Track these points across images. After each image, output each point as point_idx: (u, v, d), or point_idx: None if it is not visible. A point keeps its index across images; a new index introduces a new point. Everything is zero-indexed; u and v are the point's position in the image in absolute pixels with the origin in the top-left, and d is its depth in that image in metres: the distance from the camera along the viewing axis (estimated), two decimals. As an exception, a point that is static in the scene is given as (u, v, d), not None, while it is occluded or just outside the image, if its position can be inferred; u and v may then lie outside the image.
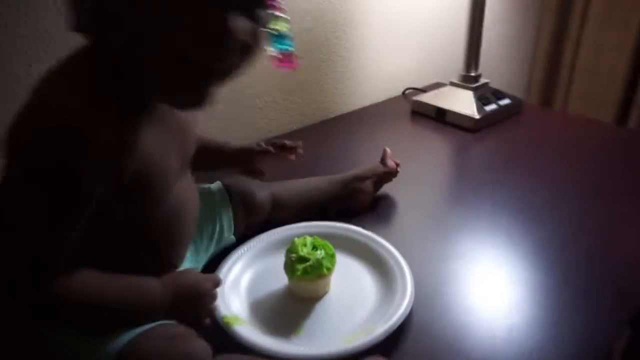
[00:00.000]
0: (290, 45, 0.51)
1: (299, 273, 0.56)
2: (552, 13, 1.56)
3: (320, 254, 0.58)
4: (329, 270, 0.58)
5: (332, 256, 0.59)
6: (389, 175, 0.78)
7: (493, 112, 1.09)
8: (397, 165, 0.79)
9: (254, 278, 0.62)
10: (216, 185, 0.67)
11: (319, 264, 0.57)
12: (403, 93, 1.28)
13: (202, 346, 0.46)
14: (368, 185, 0.76)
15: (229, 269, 0.61)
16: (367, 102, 1.24)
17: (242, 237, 0.67)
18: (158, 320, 0.47)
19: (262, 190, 0.69)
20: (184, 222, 0.52)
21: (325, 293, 0.60)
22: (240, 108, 1.02)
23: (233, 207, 0.65)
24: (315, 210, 0.73)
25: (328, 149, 1.01)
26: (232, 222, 0.65)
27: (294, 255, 0.58)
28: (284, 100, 1.08)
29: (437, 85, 1.26)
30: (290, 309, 0.58)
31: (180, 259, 0.55)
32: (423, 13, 1.27)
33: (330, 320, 0.56)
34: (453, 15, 1.29)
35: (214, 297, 0.52)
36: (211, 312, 0.52)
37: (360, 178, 0.76)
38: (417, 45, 1.29)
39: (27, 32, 0.71)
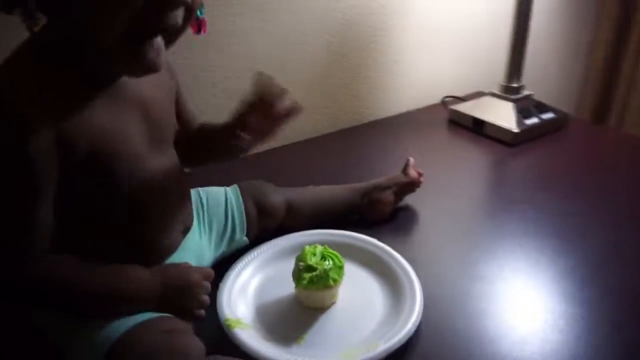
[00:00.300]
0: (202, 13, 0.51)
1: (305, 282, 0.56)
2: (611, 21, 1.46)
3: (328, 264, 0.57)
4: (336, 281, 0.57)
5: (340, 268, 0.58)
6: (411, 185, 0.76)
7: (534, 126, 1.03)
8: (420, 175, 0.77)
9: (263, 282, 0.62)
10: (232, 187, 0.68)
11: (325, 275, 0.56)
12: (442, 101, 1.25)
13: (197, 343, 0.47)
14: (388, 195, 0.74)
15: (239, 272, 0.61)
16: (403, 108, 1.21)
17: (256, 241, 0.67)
18: (148, 310, 0.48)
19: (277, 195, 0.69)
20: (159, 204, 0.52)
21: (332, 304, 0.59)
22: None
23: (245, 208, 0.66)
24: (333, 218, 0.72)
25: (357, 155, 0.99)
26: (244, 222, 0.65)
27: (302, 263, 0.57)
28: (315, 102, 1.07)
29: (479, 95, 1.21)
30: (295, 317, 0.57)
31: (167, 244, 0.54)
32: (465, 18, 1.23)
33: (333, 332, 0.55)
34: (498, 21, 1.23)
35: (204, 288, 0.52)
36: (203, 304, 0.52)
37: (380, 188, 0.74)
38: (458, 51, 1.25)
39: None
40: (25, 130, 0.40)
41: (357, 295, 0.60)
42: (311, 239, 0.65)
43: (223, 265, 0.63)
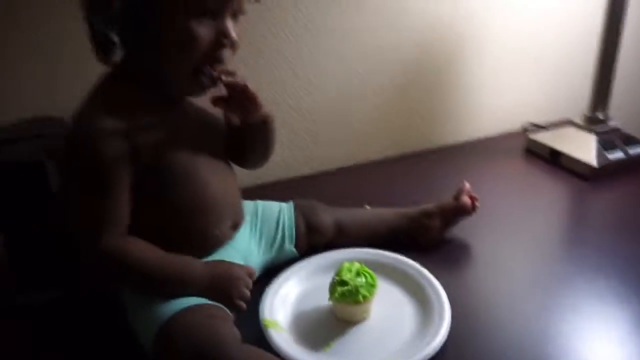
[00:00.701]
0: None
1: (336, 295, 0.60)
2: None
3: (360, 281, 0.61)
4: (365, 298, 0.60)
5: (372, 286, 0.61)
6: (460, 211, 0.76)
7: (618, 161, 0.97)
8: (474, 200, 0.76)
9: (304, 292, 0.67)
10: (287, 203, 0.75)
11: (356, 291, 0.60)
12: (523, 129, 1.21)
13: (234, 331, 0.54)
14: (435, 221, 0.76)
15: (284, 280, 0.67)
16: (479, 134, 1.20)
17: (305, 255, 0.72)
18: (197, 295, 0.56)
19: (327, 215, 0.74)
20: (211, 199, 0.61)
21: (363, 319, 0.62)
22: (338, 127, 1.07)
23: (296, 222, 0.72)
24: (377, 241, 0.74)
25: (421, 180, 1.00)
26: (293, 235, 0.71)
27: (337, 277, 0.62)
28: (384, 124, 1.10)
29: (563, 124, 1.16)
30: (326, 326, 0.62)
31: (218, 235, 0.63)
32: (550, 41, 1.18)
33: (358, 345, 0.59)
34: (585, 45, 1.17)
35: (245, 281, 0.60)
36: (244, 296, 0.59)
37: (427, 214, 0.76)
38: (542, 76, 1.21)
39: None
40: (105, 140, 0.52)
41: (389, 314, 0.63)
42: (352, 256, 0.69)
43: (273, 273, 0.69)
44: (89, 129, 0.52)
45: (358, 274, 0.62)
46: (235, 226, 0.66)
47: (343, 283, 0.61)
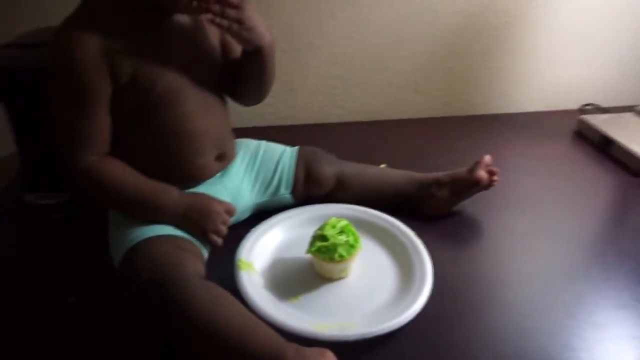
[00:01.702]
0: None
1: (313, 249, 0.58)
2: None
3: (341, 239, 0.58)
4: (342, 257, 0.57)
5: (352, 246, 0.58)
6: (473, 184, 0.70)
7: (678, 159, 0.85)
8: (492, 174, 0.70)
9: (289, 241, 0.65)
10: (292, 148, 0.72)
11: (333, 248, 0.57)
12: (580, 108, 1.09)
13: (199, 266, 0.54)
14: (444, 192, 0.70)
15: (270, 226, 0.66)
16: (528, 107, 1.10)
17: (301, 204, 0.70)
18: (171, 223, 0.56)
19: (329, 166, 0.71)
20: (192, 126, 0.59)
21: (340, 277, 0.60)
22: (374, 79, 1.02)
23: (296, 169, 0.69)
24: (384, 202, 0.71)
25: (452, 147, 0.93)
26: (290, 181, 0.69)
27: (319, 231, 0.60)
28: (430, 83, 1.03)
29: (625, 110, 1.03)
30: (300, 279, 0.60)
31: (200, 165, 0.61)
32: (628, 15, 1.03)
33: (326, 303, 0.57)
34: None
35: (222, 216, 0.59)
36: (219, 231, 0.59)
37: (438, 183, 0.71)
38: (612, 54, 1.07)
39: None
40: (80, 45, 0.51)
41: (369, 277, 0.61)
42: (344, 213, 0.66)
43: (265, 217, 0.68)
44: (67, 39, 0.51)
45: (341, 231, 0.59)
46: (221, 158, 0.65)
47: (323, 238, 0.58)
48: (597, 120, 0.96)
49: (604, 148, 0.92)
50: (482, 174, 0.70)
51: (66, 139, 0.55)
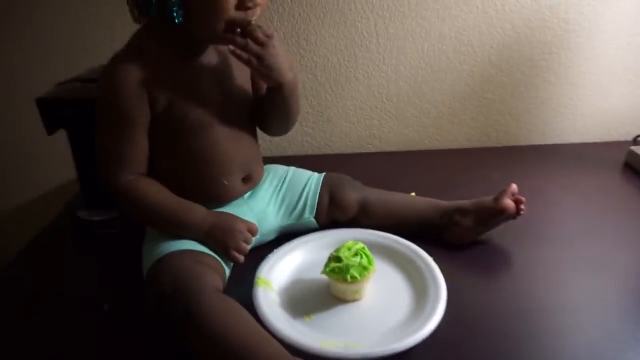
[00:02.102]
0: None
1: (327, 269, 0.60)
2: None
3: (355, 261, 0.60)
4: (354, 279, 0.59)
5: (365, 269, 0.60)
6: (498, 213, 0.69)
7: None
8: (519, 203, 0.69)
9: (309, 262, 0.67)
10: (319, 174, 0.75)
11: (346, 270, 0.59)
12: (634, 139, 1.03)
13: (217, 281, 0.57)
14: (468, 221, 0.70)
15: (292, 248, 0.69)
16: (574, 139, 1.06)
17: (325, 228, 0.72)
18: (195, 239, 0.61)
19: (353, 192, 0.73)
20: (221, 155, 0.64)
21: (354, 299, 0.61)
22: (408, 111, 1.03)
23: (320, 194, 0.72)
24: (407, 229, 0.72)
25: (489, 177, 0.90)
26: (314, 205, 0.72)
27: (334, 253, 0.61)
28: (463, 113, 1.04)
29: (682, 141, 0.97)
30: (316, 299, 0.61)
31: (227, 187, 0.66)
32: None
33: (336, 323, 0.58)
34: None
35: (244, 235, 0.62)
36: (240, 249, 0.62)
37: (462, 211, 0.71)
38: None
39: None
40: (123, 78, 0.58)
41: (383, 300, 0.61)
42: (364, 237, 0.67)
43: (288, 239, 0.71)
44: (113, 71, 0.58)
45: (356, 254, 0.61)
46: (248, 181, 0.69)
47: (338, 259, 0.60)
48: (647, 151, 0.91)
49: (653, 181, 0.87)
50: (507, 202, 0.69)
51: (107, 160, 0.61)
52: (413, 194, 0.78)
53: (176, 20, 0.56)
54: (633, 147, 0.94)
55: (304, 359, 0.50)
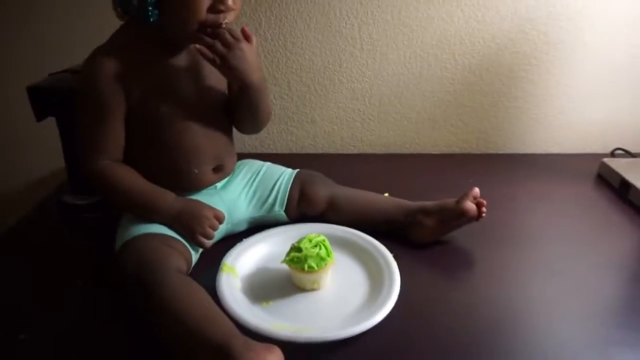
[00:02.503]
0: None
1: (287, 259, 0.63)
2: None
3: (313, 252, 0.63)
4: (311, 269, 0.62)
5: (322, 259, 0.62)
6: (459, 215, 0.71)
7: (700, 207, 0.80)
8: (481, 206, 0.71)
9: (275, 253, 0.69)
10: (293, 170, 0.78)
11: (304, 259, 0.62)
12: (612, 153, 1.06)
13: (181, 263, 0.61)
14: (430, 221, 0.73)
15: (260, 239, 0.72)
16: (553, 149, 1.09)
17: (295, 221, 0.76)
18: (164, 223, 0.64)
19: (323, 188, 0.76)
20: (191, 145, 0.68)
21: (312, 289, 0.64)
22: (390, 115, 1.07)
23: (291, 188, 0.75)
24: (373, 226, 0.74)
25: (462, 182, 0.92)
26: (284, 199, 0.75)
27: (295, 244, 0.65)
28: (447, 120, 1.07)
29: (658, 155, 0.99)
30: (276, 287, 0.65)
31: (198, 175, 0.70)
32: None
33: (292, 310, 0.61)
34: None
35: (211, 221, 0.66)
36: (207, 234, 0.66)
37: (425, 211, 0.73)
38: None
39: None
40: (101, 68, 0.62)
41: (340, 291, 0.64)
42: (325, 230, 0.71)
43: (258, 230, 0.74)
44: (92, 64, 0.63)
45: (316, 245, 0.64)
46: (218, 170, 0.72)
47: (298, 249, 0.63)
48: (619, 164, 0.94)
49: (623, 193, 0.89)
50: (469, 205, 0.72)
51: (85, 145, 0.65)
52: (387, 194, 0.81)
53: (150, 19, 0.60)
54: (605, 159, 0.96)
55: (254, 338, 0.53)
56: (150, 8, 0.59)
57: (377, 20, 0.98)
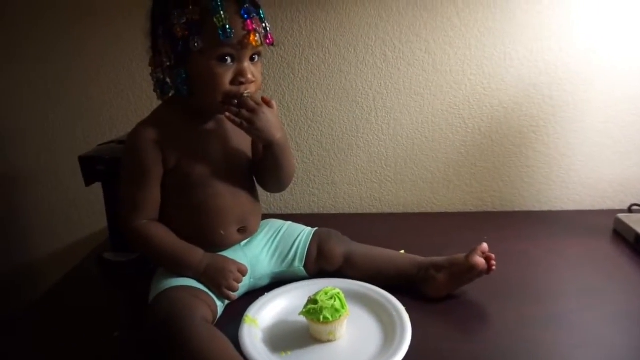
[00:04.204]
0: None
1: (304, 310, 0.68)
2: None
3: (329, 303, 0.67)
4: (326, 319, 0.66)
5: (337, 311, 0.66)
6: (469, 270, 0.74)
7: None
8: (490, 260, 0.74)
9: (295, 306, 0.74)
10: (311, 229, 0.84)
11: (320, 311, 0.66)
12: (629, 209, 1.07)
13: (206, 312, 0.66)
14: (442, 276, 0.76)
15: (281, 293, 0.77)
16: (568, 207, 1.11)
17: (313, 276, 0.81)
18: (193, 277, 0.71)
19: (339, 245, 0.81)
20: (219, 208, 0.75)
21: (328, 340, 0.68)
22: (407, 177, 1.13)
23: (309, 246, 0.81)
24: (387, 282, 0.78)
25: (481, 238, 0.91)
26: (304, 256, 0.80)
27: (312, 296, 0.69)
28: (458, 180, 1.12)
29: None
30: (294, 338, 0.69)
31: (224, 236, 0.76)
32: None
33: (309, 359, 0.65)
34: None
35: (236, 276, 0.72)
36: (231, 287, 0.72)
37: (437, 266, 0.77)
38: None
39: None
40: (143, 141, 0.71)
41: (354, 342, 0.67)
42: (341, 284, 0.75)
43: (279, 285, 0.79)
44: (135, 136, 0.72)
45: (331, 297, 0.68)
46: (243, 231, 0.79)
47: (314, 302, 0.68)
48: (634, 219, 0.95)
49: (638, 247, 0.90)
50: (478, 259, 0.75)
51: (125, 205, 0.74)
52: (402, 251, 0.86)
53: (183, 93, 0.70)
54: (620, 215, 0.98)
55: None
56: (180, 84, 0.69)
57: (390, 90, 1.07)
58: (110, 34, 1.08)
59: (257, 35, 0.68)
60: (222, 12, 0.65)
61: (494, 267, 0.75)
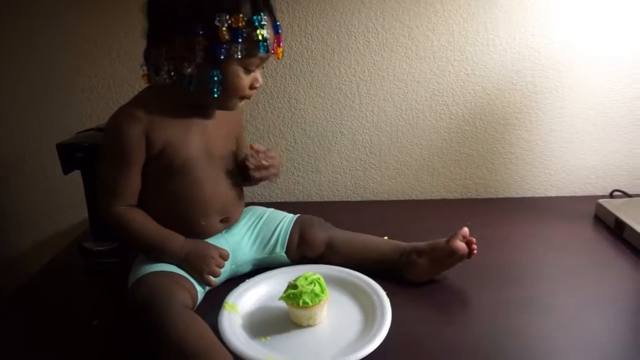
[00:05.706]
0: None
1: (284, 295, 0.67)
2: None
3: (308, 288, 0.67)
4: (305, 304, 0.65)
5: (317, 296, 0.66)
6: (450, 254, 0.75)
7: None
8: (470, 244, 0.75)
9: (273, 293, 0.73)
10: (294, 215, 0.84)
11: (299, 296, 0.66)
12: (610, 194, 1.08)
13: (186, 297, 0.66)
14: (423, 260, 0.76)
15: (262, 279, 0.77)
16: (552, 193, 1.12)
17: (295, 263, 0.80)
18: (174, 263, 0.70)
19: (322, 231, 0.81)
20: (201, 198, 0.74)
21: (308, 325, 0.68)
22: (391, 164, 1.13)
23: (291, 232, 0.81)
24: (370, 267, 0.78)
25: (463, 224, 0.93)
26: (285, 242, 0.80)
27: (292, 281, 0.69)
28: (442, 167, 1.12)
29: (654, 195, 1.01)
30: (276, 324, 0.68)
31: (206, 225, 0.75)
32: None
33: (288, 344, 0.64)
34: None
35: (217, 261, 0.72)
36: (213, 272, 0.72)
37: (418, 251, 0.77)
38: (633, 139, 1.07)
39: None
40: (129, 123, 0.69)
41: (334, 326, 0.67)
42: (322, 270, 0.75)
43: (261, 271, 0.79)
44: (118, 117, 0.70)
45: (311, 282, 0.68)
46: (225, 221, 0.78)
47: (294, 287, 0.68)
48: (614, 204, 0.96)
49: (618, 232, 0.91)
50: (458, 244, 0.75)
51: (104, 191, 0.72)
52: (386, 237, 0.86)
53: (191, 88, 0.68)
54: (601, 200, 0.99)
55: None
56: (213, 85, 0.68)
57: (374, 76, 1.06)
58: (95, 24, 1.06)
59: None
60: (265, 28, 0.66)
61: (474, 252, 0.76)
